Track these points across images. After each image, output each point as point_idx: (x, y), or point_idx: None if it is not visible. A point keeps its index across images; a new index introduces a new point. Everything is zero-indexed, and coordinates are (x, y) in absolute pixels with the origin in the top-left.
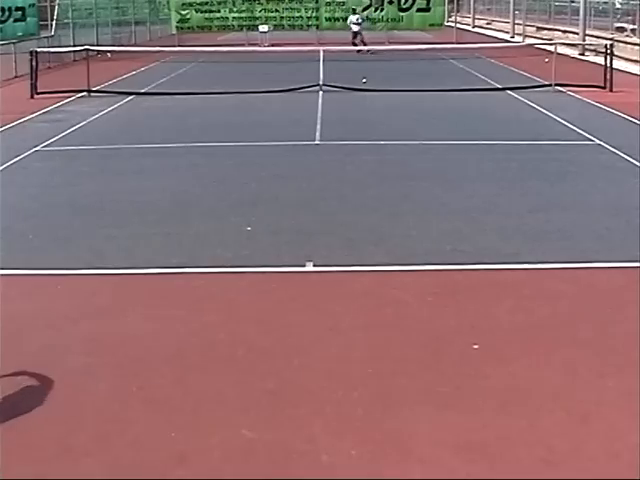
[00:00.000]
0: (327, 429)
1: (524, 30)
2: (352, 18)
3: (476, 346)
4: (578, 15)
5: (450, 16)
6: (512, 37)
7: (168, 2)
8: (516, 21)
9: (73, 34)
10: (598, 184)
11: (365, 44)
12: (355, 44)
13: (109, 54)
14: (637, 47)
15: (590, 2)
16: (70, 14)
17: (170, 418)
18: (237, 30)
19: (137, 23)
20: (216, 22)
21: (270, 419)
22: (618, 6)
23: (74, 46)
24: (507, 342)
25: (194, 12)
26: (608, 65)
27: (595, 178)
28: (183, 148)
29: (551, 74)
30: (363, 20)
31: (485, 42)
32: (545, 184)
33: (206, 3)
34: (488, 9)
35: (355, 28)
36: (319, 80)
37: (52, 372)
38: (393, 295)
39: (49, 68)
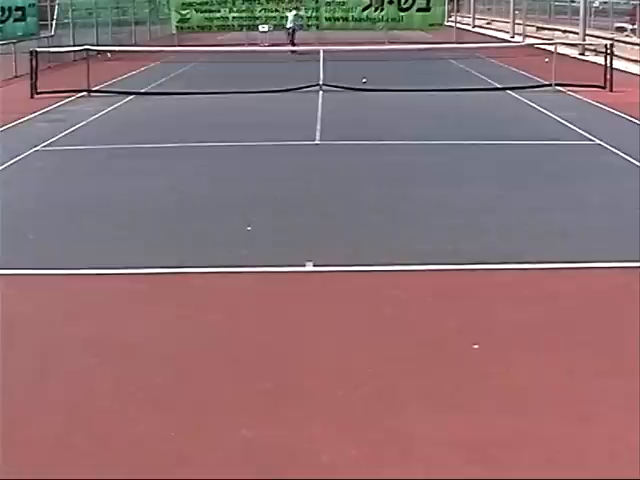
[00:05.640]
0: (327, 429)
1: (524, 30)
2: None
3: (476, 346)
4: (578, 15)
5: (450, 16)
6: (512, 37)
7: (168, 2)
8: (516, 21)
9: (73, 34)
10: (598, 184)
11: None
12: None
13: (109, 54)
14: (637, 47)
15: (590, 2)
16: (70, 14)
17: (170, 418)
18: (237, 30)
19: (137, 23)
20: (216, 22)
21: (270, 419)
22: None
23: (74, 46)
24: (507, 342)
25: (194, 12)
26: (608, 65)
27: (595, 178)
28: (183, 148)
29: (551, 74)
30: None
31: (485, 42)
32: (545, 184)
33: (206, 3)
34: (488, 9)
35: (290, 25)
36: (319, 80)
37: (52, 372)
38: (393, 295)
39: (49, 68)
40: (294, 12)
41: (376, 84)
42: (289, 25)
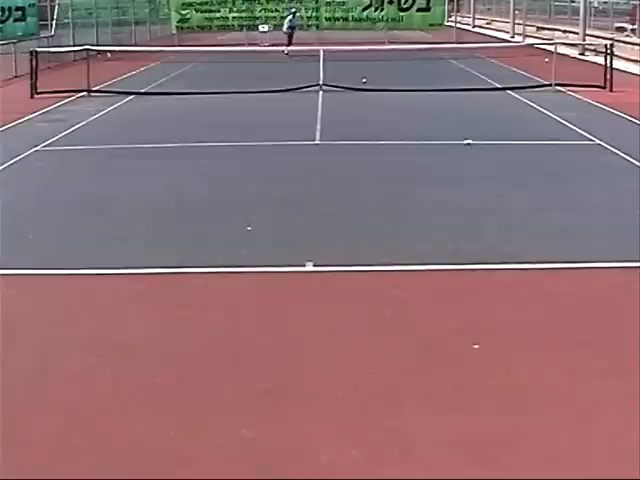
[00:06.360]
0: (327, 429)
1: (524, 30)
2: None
3: (476, 346)
4: (578, 15)
5: (450, 16)
6: (512, 37)
7: (168, 2)
8: (516, 21)
9: (73, 34)
10: (598, 184)
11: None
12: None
13: (109, 54)
14: (637, 47)
15: (590, 2)
16: (70, 14)
17: (170, 418)
18: (237, 30)
19: (137, 23)
20: (216, 22)
21: (270, 419)
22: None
23: (74, 46)
24: (507, 342)
25: (194, 12)
26: (608, 65)
27: (595, 178)
28: (183, 148)
29: (551, 74)
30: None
31: (485, 42)
32: (545, 184)
33: (206, 3)
34: (488, 9)
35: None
36: (319, 80)
37: (52, 372)
38: (393, 295)
39: (49, 68)
40: (291, 16)
41: (376, 84)
42: (285, 28)
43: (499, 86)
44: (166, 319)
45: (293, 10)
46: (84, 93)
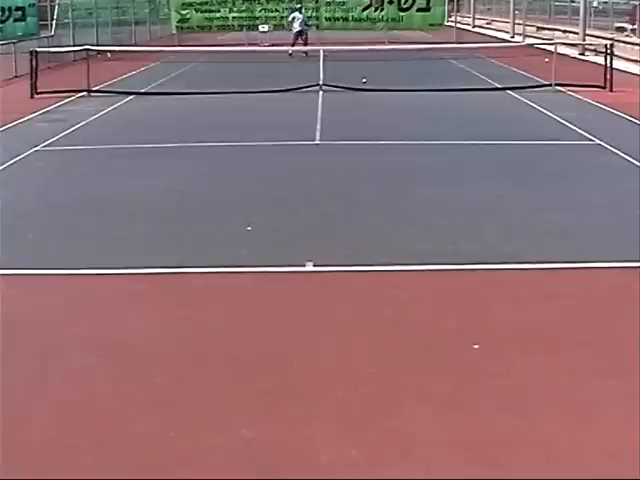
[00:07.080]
0: (327, 429)
1: (524, 30)
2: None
3: (476, 346)
4: (578, 15)
5: (450, 16)
6: (512, 37)
7: (168, 2)
8: (516, 21)
9: (73, 34)
10: (598, 184)
11: (306, 44)
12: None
13: (109, 54)
14: (637, 47)
15: (590, 2)
16: (70, 14)
17: (170, 418)
18: (237, 30)
19: (137, 23)
20: (216, 22)
21: (270, 419)
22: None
23: (74, 46)
24: (507, 342)
25: (194, 12)
26: (608, 65)
27: (595, 178)
28: (183, 148)
29: (551, 74)
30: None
31: (485, 42)
32: (545, 184)
33: (206, 3)
34: (488, 9)
35: (298, 27)
36: (319, 80)
37: (52, 372)
38: (393, 295)
39: (49, 68)
40: (296, 12)
41: (376, 84)
42: (299, 27)
43: (499, 86)
44: (166, 319)
45: (298, 6)
46: (84, 93)
